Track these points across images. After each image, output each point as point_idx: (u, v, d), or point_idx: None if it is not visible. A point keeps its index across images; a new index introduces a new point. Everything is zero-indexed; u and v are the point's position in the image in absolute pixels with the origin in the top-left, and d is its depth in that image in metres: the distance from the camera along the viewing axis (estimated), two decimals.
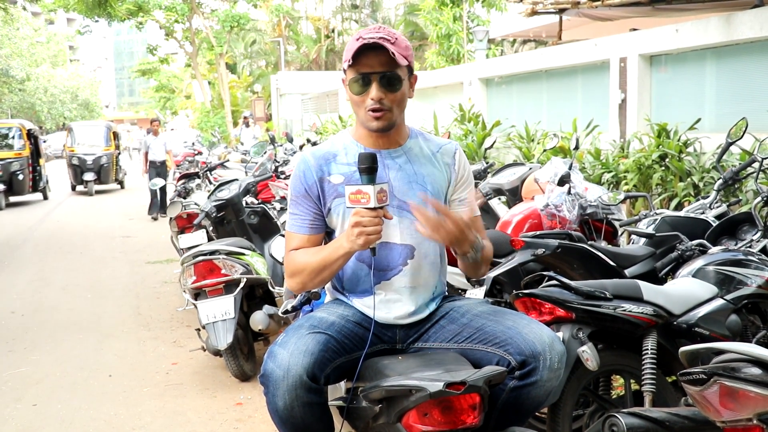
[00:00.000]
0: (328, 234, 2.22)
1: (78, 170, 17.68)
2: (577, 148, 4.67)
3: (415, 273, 2.15)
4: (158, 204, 12.32)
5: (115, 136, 19.04)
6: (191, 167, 11.90)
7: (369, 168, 1.94)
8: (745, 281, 2.92)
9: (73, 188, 18.36)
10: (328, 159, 2.17)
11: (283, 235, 4.11)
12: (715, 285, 2.90)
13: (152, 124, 13.66)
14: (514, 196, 5.25)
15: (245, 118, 16.07)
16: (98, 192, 18.08)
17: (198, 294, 4.33)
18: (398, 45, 2.05)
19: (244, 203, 5.52)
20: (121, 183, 19.54)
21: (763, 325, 3.04)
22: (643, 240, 3.68)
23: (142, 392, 4.31)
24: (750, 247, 3.27)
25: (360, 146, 2.16)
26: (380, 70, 2.04)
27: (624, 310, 2.64)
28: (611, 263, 3.38)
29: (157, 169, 12.86)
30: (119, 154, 19.24)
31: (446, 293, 2.30)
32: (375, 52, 2.03)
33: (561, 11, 9.85)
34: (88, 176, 17.42)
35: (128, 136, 34.46)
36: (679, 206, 5.35)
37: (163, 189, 12.17)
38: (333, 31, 35.59)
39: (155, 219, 12.34)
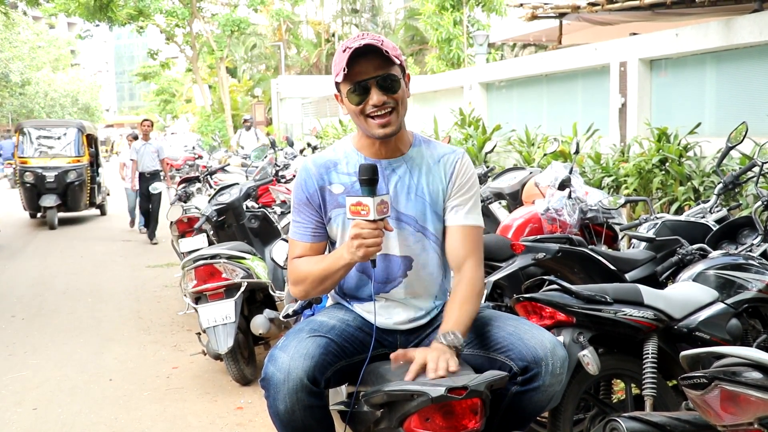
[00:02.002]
0: (332, 243, 2.21)
1: (33, 191, 12.13)
2: (577, 152, 4.67)
3: (415, 284, 2.14)
4: (153, 219, 10.22)
5: (91, 141, 13.35)
6: (192, 171, 11.87)
7: (369, 180, 1.91)
8: (745, 285, 2.92)
9: (33, 216, 13.07)
10: (329, 168, 2.15)
11: (284, 239, 4.12)
12: (716, 289, 2.91)
13: (142, 125, 10.64)
14: (514, 200, 5.26)
15: (245, 121, 15.94)
16: (64, 222, 12.73)
17: (199, 298, 4.33)
18: (386, 46, 2.01)
19: (244, 207, 5.52)
20: (100, 207, 13.85)
21: (763, 330, 3.04)
22: (643, 244, 3.69)
23: (142, 396, 4.30)
24: (750, 251, 3.28)
25: (361, 156, 2.14)
26: (375, 74, 2.01)
27: (625, 314, 2.64)
28: (612, 267, 3.38)
29: (147, 183, 9.82)
30: (98, 166, 13.54)
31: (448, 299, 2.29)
32: (366, 58, 1.99)
33: (561, 15, 9.87)
34: (48, 200, 12.00)
35: (122, 140, 33.33)
36: (679, 210, 5.36)
37: (156, 203, 10.09)
38: (333, 35, 35.61)
39: (153, 241, 10.20)
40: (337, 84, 2.08)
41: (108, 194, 14.60)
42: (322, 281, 2.08)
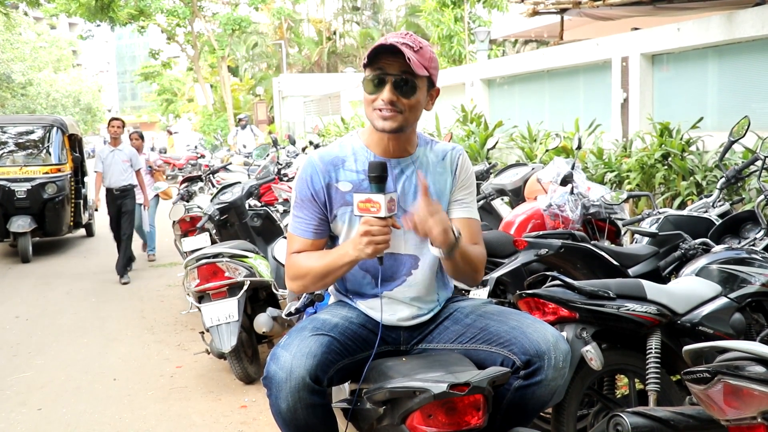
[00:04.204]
0: (332, 238, 2.21)
1: None
2: (579, 147, 4.67)
3: (419, 282, 2.15)
4: (125, 249, 7.77)
5: (74, 143, 10.24)
6: (194, 170, 11.85)
7: (379, 177, 1.91)
8: (748, 279, 2.92)
9: (0, 241, 9.53)
10: (337, 164, 2.14)
11: (286, 238, 4.11)
12: (719, 283, 2.90)
13: (110, 125, 7.77)
14: (516, 196, 5.26)
15: (240, 120, 15.81)
16: (41, 250, 9.76)
17: (202, 297, 4.33)
18: (421, 55, 2.01)
19: (247, 206, 5.52)
20: (86, 227, 10.86)
21: (767, 323, 3.04)
22: (646, 239, 3.69)
23: (146, 395, 4.31)
24: (753, 245, 3.27)
25: (370, 153, 2.13)
26: (395, 73, 2.01)
27: (628, 310, 2.64)
28: (614, 263, 3.37)
29: (117, 201, 7.62)
30: (84, 175, 10.58)
31: (450, 296, 2.29)
32: (395, 55, 1.99)
33: (562, 11, 9.85)
34: (20, 224, 8.89)
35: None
36: (682, 205, 5.35)
37: (128, 225, 7.79)
38: (335, 33, 35.64)
39: (123, 280, 7.66)
40: (365, 66, 2.09)
41: (96, 209, 10.43)
42: (324, 277, 2.08)
